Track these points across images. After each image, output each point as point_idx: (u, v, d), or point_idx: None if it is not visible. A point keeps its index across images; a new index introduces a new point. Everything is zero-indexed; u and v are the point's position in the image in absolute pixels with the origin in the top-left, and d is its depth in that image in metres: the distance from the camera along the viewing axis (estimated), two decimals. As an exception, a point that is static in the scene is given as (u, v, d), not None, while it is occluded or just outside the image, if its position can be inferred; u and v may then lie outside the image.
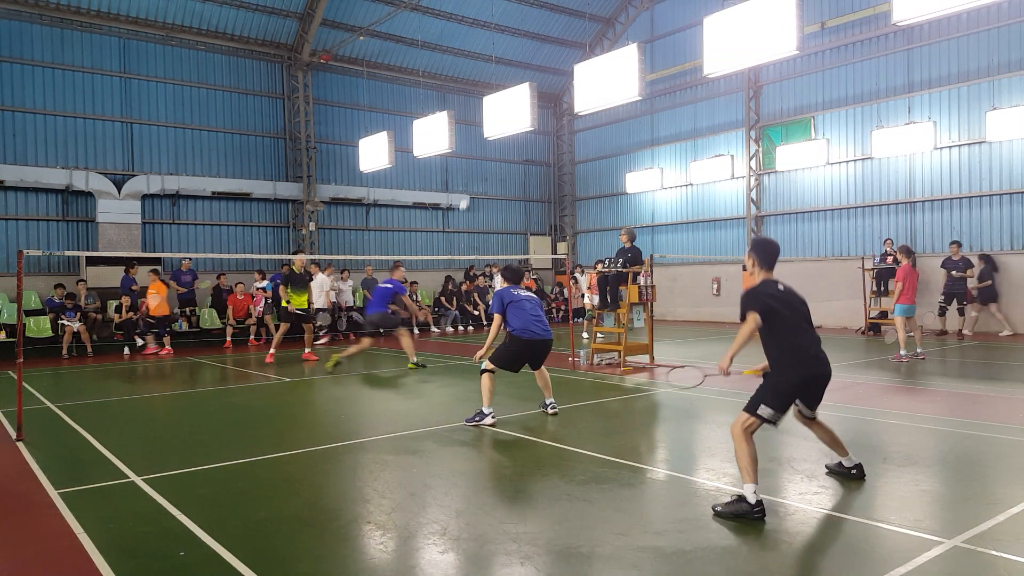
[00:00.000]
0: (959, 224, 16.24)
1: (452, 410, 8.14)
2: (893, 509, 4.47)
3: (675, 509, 4.59)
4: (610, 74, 12.63)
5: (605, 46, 23.39)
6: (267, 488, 5.17)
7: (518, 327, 7.30)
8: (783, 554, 3.81)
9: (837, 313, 17.77)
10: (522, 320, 7.32)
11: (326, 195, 20.59)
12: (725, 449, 6.15)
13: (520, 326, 7.29)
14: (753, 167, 19.98)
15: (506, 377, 10.39)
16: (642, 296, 11.46)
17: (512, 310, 7.40)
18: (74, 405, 8.77)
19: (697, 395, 8.73)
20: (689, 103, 21.74)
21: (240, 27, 19.14)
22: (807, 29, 17.37)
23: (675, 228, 22.37)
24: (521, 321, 7.31)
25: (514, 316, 7.38)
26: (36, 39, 16.68)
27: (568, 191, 26.07)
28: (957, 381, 9.60)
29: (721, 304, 20.49)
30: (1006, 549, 3.74)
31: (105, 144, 17.57)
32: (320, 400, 9.55)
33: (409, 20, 20.39)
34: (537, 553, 3.83)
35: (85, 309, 15.28)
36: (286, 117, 20.31)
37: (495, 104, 15.35)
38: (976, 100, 15.78)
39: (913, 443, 6.20)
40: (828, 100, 18.42)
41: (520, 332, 7.27)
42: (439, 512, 4.53)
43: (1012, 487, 4.84)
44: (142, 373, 12.43)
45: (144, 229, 17.81)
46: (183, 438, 7.08)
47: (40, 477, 5.51)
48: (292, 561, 3.84)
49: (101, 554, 3.91)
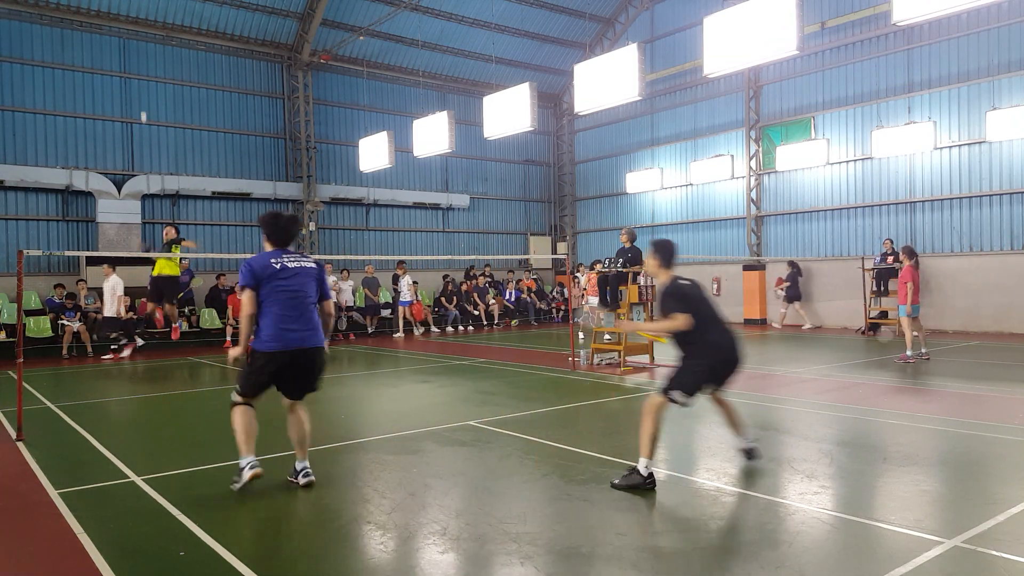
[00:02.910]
0: (959, 224, 16.24)
1: (452, 410, 8.14)
2: (893, 509, 4.47)
3: (675, 509, 4.59)
4: (610, 74, 12.64)
5: (605, 46, 23.39)
6: (267, 488, 5.17)
7: (267, 333, 4.82)
8: (783, 554, 3.80)
9: (837, 313, 17.78)
10: (273, 317, 4.82)
11: (326, 195, 20.59)
12: (725, 449, 6.15)
13: (270, 330, 4.81)
14: (753, 167, 19.98)
15: (505, 377, 10.37)
16: (642, 296, 11.46)
17: (267, 293, 4.83)
18: (74, 405, 8.77)
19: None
20: (689, 103, 21.74)
21: (240, 27, 19.13)
22: (807, 29, 17.37)
23: (675, 228, 22.36)
24: (273, 320, 4.82)
25: (269, 307, 4.83)
26: (36, 39, 16.67)
27: (568, 191, 26.07)
28: (957, 381, 9.59)
29: (721, 304, 20.42)
30: (1006, 549, 3.74)
31: (105, 144, 17.57)
32: (320, 400, 9.53)
33: (409, 20, 20.39)
34: (537, 553, 3.83)
35: (85, 309, 15.28)
36: (286, 117, 20.31)
37: (495, 104, 15.35)
38: (976, 100, 15.77)
39: (913, 443, 6.20)
40: (828, 100, 18.42)
41: (268, 341, 4.80)
42: (439, 512, 4.52)
43: (1012, 487, 4.84)
44: (142, 373, 12.42)
45: (144, 229, 17.81)
46: (183, 438, 7.09)
47: (40, 477, 5.51)
48: (292, 561, 3.84)
49: (101, 554, 3.90)
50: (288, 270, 4.94)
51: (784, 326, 18.42)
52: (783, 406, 7.94)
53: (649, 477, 4.84)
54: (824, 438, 6.29)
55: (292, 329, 4.84)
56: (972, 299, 15.84)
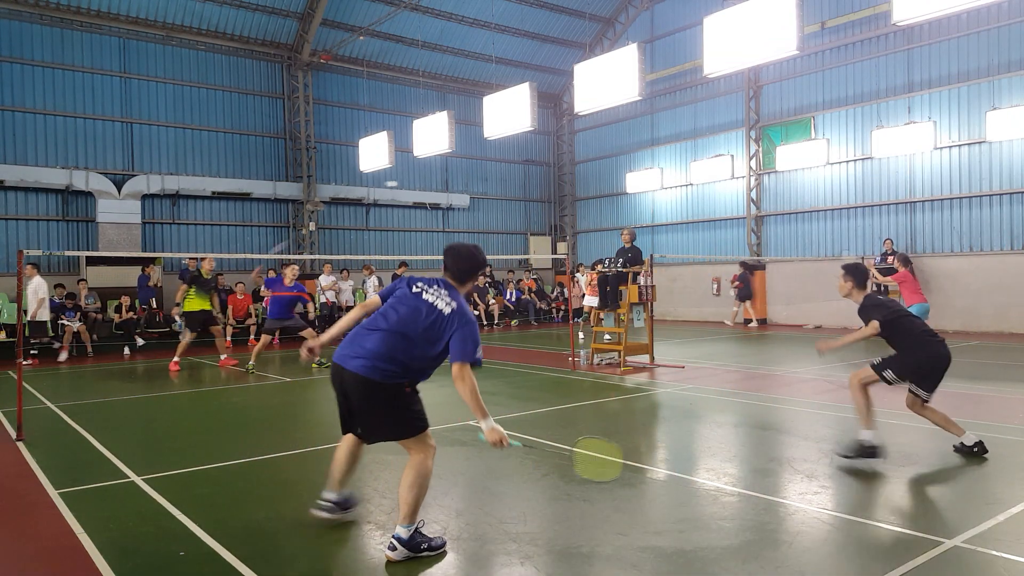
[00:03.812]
0: (959, 224, 16.24)
1: (452, 410, 8.13)
2: (893, 509, 4.47)
3: (675, 509, 4.59)
4: (610, 74, 12.63)
5: (605, 46, 23.39)
6: (267, 488, 5.17)
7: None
8: (783, 554, 3.80)
9: (837, 313, 17.77)
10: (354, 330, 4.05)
11: (326, 195, 20.59)
12: (725, 449, 6.15)
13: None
14: (753, 167, 19.98)
15: (505, 377, 10.40)
16: (642, 296, 11.46)
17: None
18: (74, 405, 8.77)
19: (697, 395, 8.74)
20: (689, 103, 21.74)
21: (240, 27, 19.14)
22: (807, 29, 17.36)
23: (675, 228, 22.37)
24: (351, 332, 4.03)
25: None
26: (36, 39, 16.67)
27: (568, 191, 26.07)
28: (957, 381, 9.58)
29: (721, 304, 20.47)
30: (1006, 549, 3.74)
31: (105, 144, 17.57)
32: (320, 400, 9.53)
33: (409, 20, 20.39)
34: (537, 553, 3.83)
35: (85, 309, 15.27)
36: (286, 117, 20.31)
37: (495, 104, 15.35)
38: (976, 100, 15.77)
39: (913, 443, 6.20)
40: (828, 100, 18.42)
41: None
42: (439, 512, 4.52)
43: (1012, 487, 4.84)
44: (142, 373, 12.42)
45: (144, 229, 17.81)
46: (183, 438, 7.08)
47: (40, 477, 5.51)
48: (292, 561, 3.84)
49: (101, 554, 3.90)
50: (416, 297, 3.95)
51: (735, 324, 19.23)
52: (783, 406, 7.94)
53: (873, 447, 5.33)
54: (824, 438, 6.29)
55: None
56: (972, 299, 15.83)
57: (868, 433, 5.43)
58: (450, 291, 3.94)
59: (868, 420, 5.49)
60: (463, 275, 4.05)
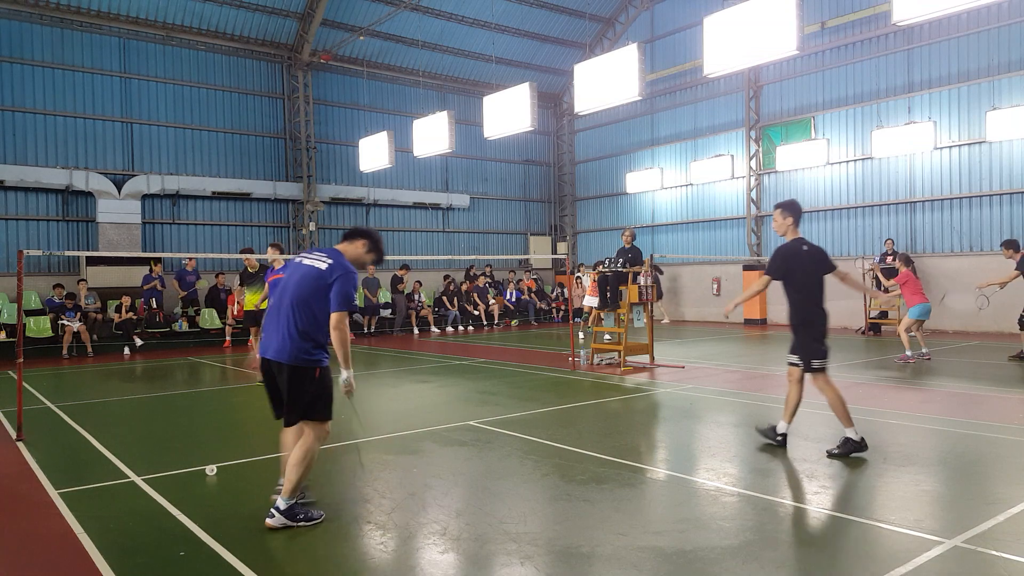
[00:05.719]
0: (959, 224, 16.24)
1: (452, 410, 8.14)
2: (893, 509, 4.47)
3: (675, 509, 4.59)
4: (610, 74, 12.63)
5: (605, 46, 23.38)
6: (267, 488, 5.17)
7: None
8: (783, 554, 3.80)
9: (837, 313, 17.71)
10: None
11: (326, 195, 20.59)
12: (725, 449, 6.15)
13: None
14: (753, 167, 19.98)
15: (505, 377, 10.41)
16: (642, 296, 11.46)
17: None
18: (74, 405, 8.77)
19: (697, 395, 8.74)
20: (689, 103, 21.74)
21: (240, 27, 19.13)
22: (807, 29, 17.36)
23: (675, 228, 22.36)
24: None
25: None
26: (36, 39, 16.67)
27: (568, 191, 26.07)
28: (957, 381, 9.59)
29: (721, 304, 20.46)
30: (1006, 549, 3.74)
31: (105, 144, 17.56)
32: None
33: (409, 20, 20.38)
34: (537, 553, 3.83)
35: (85, 309, 15.28)
36: (286, 117, 20.31)
37: (495, 104, 15.35)
38: (976, 100, 15.77)
39: (913, 443, 6.20)
40: (828, 100, 18.41)
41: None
42: (439, 512, 4.52)
43: (1012, 487, 4.84)
44: (142, 373, 12.42)
45: (144, 229, 17.80)
46: (183, 438, 7.08)
47: (40, 477, 5.51)
48: (292, 561, 3.84)
49: (101, 554, 3.90)
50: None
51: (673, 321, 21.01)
52: (783, 406, 7.92)
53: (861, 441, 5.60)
54: (824, 438, 6.28)
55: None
56: (972, 299, 15.81)
57: (851, 430, 5.67)
58: (329, 253, 4.37)
59: (846, 418, 5.71)
60: (344, 238, 4.58)
